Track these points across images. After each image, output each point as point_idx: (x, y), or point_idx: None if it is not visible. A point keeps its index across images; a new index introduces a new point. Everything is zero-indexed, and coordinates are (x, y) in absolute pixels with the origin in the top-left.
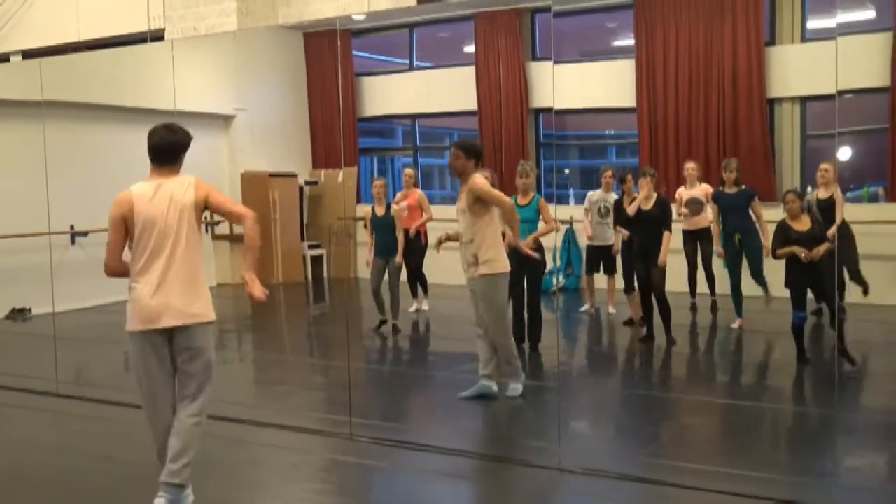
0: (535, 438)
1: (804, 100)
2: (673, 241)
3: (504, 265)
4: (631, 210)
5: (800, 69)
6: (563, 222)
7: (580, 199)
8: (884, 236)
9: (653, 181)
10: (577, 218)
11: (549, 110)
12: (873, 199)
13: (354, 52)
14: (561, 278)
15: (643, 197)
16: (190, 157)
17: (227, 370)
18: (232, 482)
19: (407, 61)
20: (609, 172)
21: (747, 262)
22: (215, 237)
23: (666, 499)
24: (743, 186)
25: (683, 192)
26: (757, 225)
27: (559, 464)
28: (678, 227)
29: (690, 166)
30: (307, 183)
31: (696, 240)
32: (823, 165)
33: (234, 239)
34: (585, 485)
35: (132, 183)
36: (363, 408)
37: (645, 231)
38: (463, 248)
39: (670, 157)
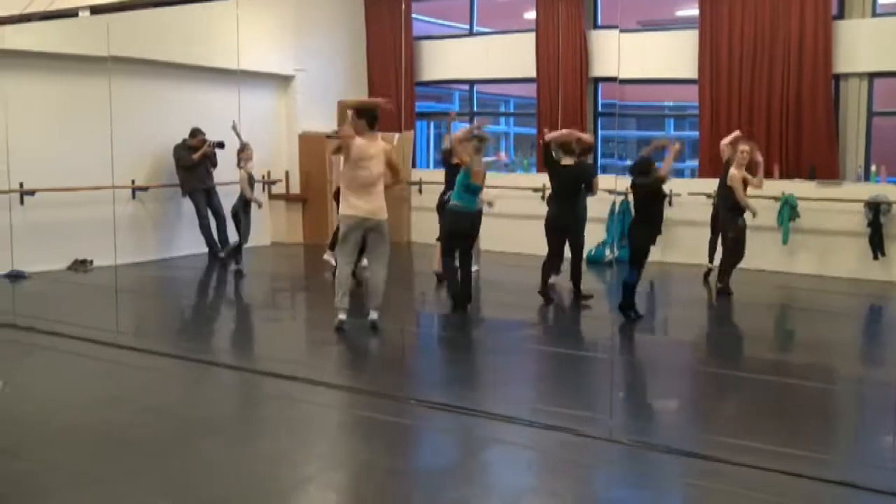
0: (585, 408)
1: (872, 76)
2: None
3: None
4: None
5: (869, 44)
6: (619, 194)
7: None
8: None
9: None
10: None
11: (608, 80)
12: None
13: (414, 16)
14: (616, 249)
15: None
16: (249, 117)
17: (279, 329)
18: (283, 438)
19: (467, 26)
20: None
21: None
22: (272, 196)
23: (717, 474)
24: None
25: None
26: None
27: (610, 434)
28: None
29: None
30: None
31: None
32: (743, 147)
33: (289, 199)
34: (635, 456)
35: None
36: (418, 371)
37: None
38: (374, 195)
39: (732, 129)
